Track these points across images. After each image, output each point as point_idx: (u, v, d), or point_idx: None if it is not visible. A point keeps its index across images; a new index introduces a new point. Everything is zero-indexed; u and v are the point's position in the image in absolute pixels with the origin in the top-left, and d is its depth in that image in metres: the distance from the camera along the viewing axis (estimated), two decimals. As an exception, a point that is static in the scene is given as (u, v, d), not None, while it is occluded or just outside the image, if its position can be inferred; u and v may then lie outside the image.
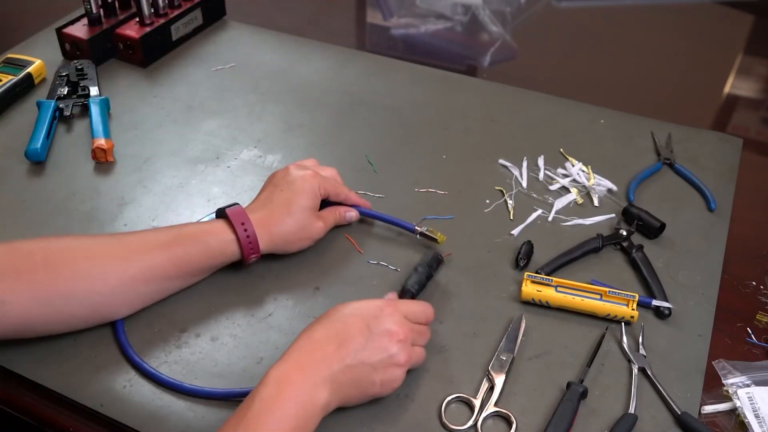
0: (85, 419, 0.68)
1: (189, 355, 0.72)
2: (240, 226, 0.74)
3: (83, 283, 0.68)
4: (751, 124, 1.15)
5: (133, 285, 0.71)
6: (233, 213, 0.75)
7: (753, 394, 0.68)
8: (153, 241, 0.72)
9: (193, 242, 0.73)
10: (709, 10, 1.46)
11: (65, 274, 0.67)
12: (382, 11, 1.42)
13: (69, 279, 0.67)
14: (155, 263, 0.71)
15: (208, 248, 0.74)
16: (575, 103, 1.07)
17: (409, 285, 0.76)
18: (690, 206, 0.90)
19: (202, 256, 0.74)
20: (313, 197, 0.79)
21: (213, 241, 0.74)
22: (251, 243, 0.74)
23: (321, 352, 0.62)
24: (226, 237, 0.74)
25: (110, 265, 0.69)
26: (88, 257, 0.69)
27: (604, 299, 0.75)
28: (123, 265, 0.70)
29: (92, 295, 0.69)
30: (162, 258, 0.71)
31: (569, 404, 0.66)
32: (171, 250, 0.72)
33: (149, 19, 1.13)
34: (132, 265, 0.70)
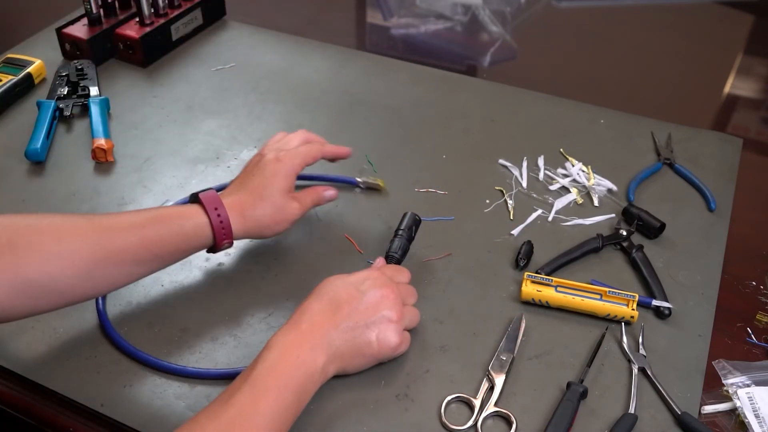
0: (85, 419, 0.68)
1: (189, 355, 0.72)
2: (213, 210, 0.72)
3: (50, 266, 0.64)
4: (751, 124, 1.15)
5: (104, 268, 0.67)
6: (206, 197, 0.73)
7: (753, 394, 0.68)
8: (125, 223, 0.69)
9: (166, 225, 0.71)
10: (709, 10, 1.46)
11: (31, 256, 0.63)
12: (382, 11, 1.42)
13: (35, 261, 0.63)
14: (127, 245, 0.68)
15: (182, 232, 0.71)
16: (575, 103, 1.07)
17: (393, 251, 0.79)
18: (690, 206, 0.90)
19: (174, 239, 0.71)
20: (285, 179, 0.77)
21: (187, 225, 0.71)
22: (224, 228, 0.72)
23: (318, 321, 0.65)
24: (200, 220, 0.72)
25: (79, 246, 0.65)
26: (57, 238, 0.65)
27: (604, 299, 0.75)
28: (93, 246, 0.66)
29: (60, 278, 0.65)
30: (134, 240, 0.68)
31: (569, 404, 0.66)
32: (143, 232, 0.69)
33: (149, 19, 1.13)
34: (102, 247, 0.66)
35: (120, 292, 0.78)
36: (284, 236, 0.85)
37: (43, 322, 0.75)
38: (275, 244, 0.84)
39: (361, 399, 0.68)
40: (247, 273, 0.81)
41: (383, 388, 0.69)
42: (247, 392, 0.58)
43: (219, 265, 0.82)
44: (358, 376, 0.70)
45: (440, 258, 0.83)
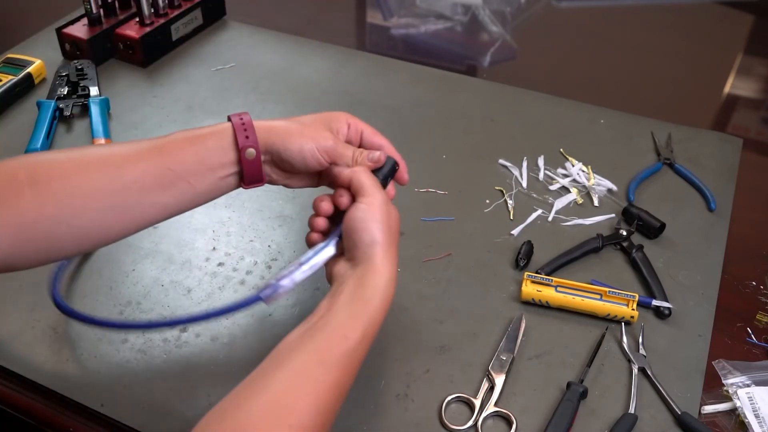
0: (85, 419, 0.68)
1: (189, 354, 0.72)
2: (236, 116, 0.67)
3: (75, 200, 0.61)
4: (751, 124, 1.15)
5: (128, 196, 0.63)
6: (235, 114, 0.67)
7: (753, 394, 0.68)
8: (146, 147, 0.64)
9: (188, 143, 0.65)
10: (709, 10, 1.46)
11: (55, 193, 0.60)
12: (382, 11, 1.42)
13: (60, 197, 0.60)
14: (149, 169, 0.63)
15: (205, 148, 0.65)
16: (575, 103, 1.07)
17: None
18: (690, 206, 0.90)
19: (197, 157, 0.65)
20: (331, 118, 0.70)
21: (210, 142, 0.65)
22: (246, 128, 0.65)
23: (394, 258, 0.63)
24: (222, 132, 0.66)
25: (102, 175, 0.62)
26: (80, 170, 0.62)
27: (604, 299, 0.75)
28: (115, 173, 0.62)
29: (84, 212, 0.61)
30: (154, 162, 0.63)
31: (569, 404, 0.66)
32: (165, 153, 0.64)
33: (149, 19, 1.13)
34: (125, 173, 0.62)
35: (120, 291, 0.78)
36: (284, 236, 0.85)
37: (43, 322, 0.75)
38: (275, 244, 0.84)
39: (361, 399, 0.68)
40: (247, 273, 0.81)
41: (383, 388, 0.69)
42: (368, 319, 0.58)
43: (219, 265, 0.82)
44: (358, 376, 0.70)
45: (440, 258, 0.83)
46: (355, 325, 0.58)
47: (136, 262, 0.82)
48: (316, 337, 0.57)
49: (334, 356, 0.56)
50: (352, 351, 0.57)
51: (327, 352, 0.56)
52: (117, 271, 0.81)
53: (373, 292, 0.60)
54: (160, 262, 0.82)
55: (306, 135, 0.67)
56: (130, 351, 0.72)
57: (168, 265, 0.82)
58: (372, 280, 0.60)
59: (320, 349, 0.56)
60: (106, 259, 0.82)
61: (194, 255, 0.83)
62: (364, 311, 0.59)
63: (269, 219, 0.88)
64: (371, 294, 0.60)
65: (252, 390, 0.53)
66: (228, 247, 0.84)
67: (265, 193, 0.91)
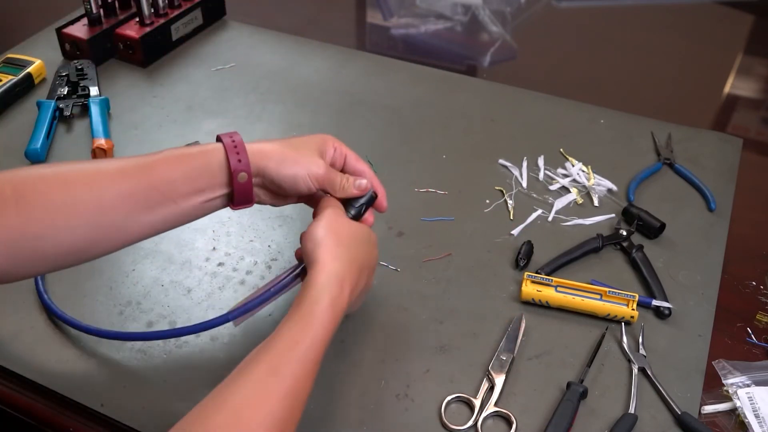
0: (85, 419, 0.68)
1: (189, 354, 0.72)
2: (227, 136, 0.66)
3: (59, 217, 0.60)
4: (751, 124, 1.15)
5: (114, 215, 0.62)
6: (226, 134, 0.67)
7: (753, 394, 0.68)
8: (133, 165, 0.63)
9: (176, 163, 0.64)
10: (709, 10, 1.46)
11: (39, 208, 0.59)
12: (382, 11, 1.42)
13: (43, 213, 0.59)
14: (136, 188, 0.62)
15: (193, 170, 0.64)
16: (575, 103, 1.07)
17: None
18: (690, 206, 0.90)
19: (185, 178, 0.64)
20: (324, 142, 0.70)
21: (199, 162, 0.65)
22: (238, 150, 0.64)
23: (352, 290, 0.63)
24: (213, 153, 0.65)
25: (87, 193, 0.61)
26: (64, 186, 0.61)
27: (604, 299, 0.75)
28: (100, 191, 0.61)
29: (69, 230, 0.60)
30: (143, 182, 0.63)
31: (569, 404, 0.66)
32: (152, 172, 0.63)
33: (149, 19, 1.13)
34: (111, 191, 0.62)
35: (120, 291, 0.78)
36: (284, 236, 0.85)
37: (43, 322, 0.75)
38: (275, 244, 0.84)
39: (361, 399, 0.68)
40: (247, 273, 0.81)
41: (383, 388, 0.69)
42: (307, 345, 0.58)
43: (219, 265, 0.82)
44: (358, 376, 0.70)
45: (440, 258, 0.83)
46: (304, 329, 0.58)
47: (136, 262, 0.82)
48: (268, 347, 0.57)
49: (285, 365, 0.56)
50: (303, 356, 0.57)
51: (278, 362, 0.56)
52: (117, 271, 0.81)
53: (318, 291, 0.60)
54: (160, 262, 0.82)
55: (300, 162, 0.67)
56: (130, 351, 0.72)
57: (168, 265, 0.82)
58: (317, 280, 0.61)
59: (272, 360, 0.56)
60: (106, 259, 0.82)
61: (194, 255, 0.83)
62: (311, 312, 0.59)
63: (269, 219, 0.88)
64: (317, 294, 0.60)
65: (212, 406, 0.54)
66: (228, 247, 0.84)
67: (265, 193, 0.91)
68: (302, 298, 0.60)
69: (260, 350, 0.57)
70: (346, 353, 0.72)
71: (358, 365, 0.71)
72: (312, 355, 0.57)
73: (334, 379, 0.70)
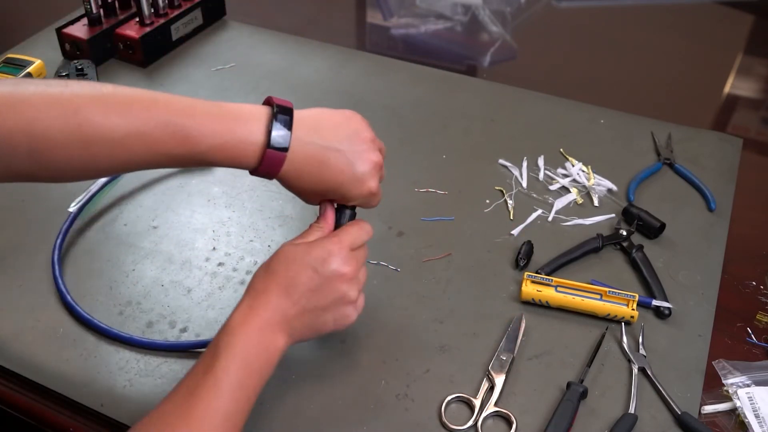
0: (85, 419, 0.68)
1: (189, 355, 0.72)
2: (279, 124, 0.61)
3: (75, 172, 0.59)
4: (751, 124, 1.15)
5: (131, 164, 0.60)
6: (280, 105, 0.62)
7: (753, 394, 0.68)
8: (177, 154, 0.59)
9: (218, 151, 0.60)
10: (709, 10, 1.46)
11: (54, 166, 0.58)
12: (382, 11, 1.42)
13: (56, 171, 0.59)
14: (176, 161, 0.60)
15: (226, 157, 0.61)
16: (575, 103, 1.07)
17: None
18: (690, 206, 0.90)
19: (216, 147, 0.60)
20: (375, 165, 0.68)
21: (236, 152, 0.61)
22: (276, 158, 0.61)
23: (276, 305, 0.61)
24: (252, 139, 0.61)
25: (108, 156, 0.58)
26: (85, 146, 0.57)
27: (604, 299, 0.75)
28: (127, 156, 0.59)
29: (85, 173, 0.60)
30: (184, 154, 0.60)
31: (569, 404, 0.66)
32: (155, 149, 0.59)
33: (149, 19, 1.13)
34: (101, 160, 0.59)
35: (120, 291, 0.78)
36: (284, 236, 0.85)
37: (42, 322, 0.75)
38: (275, 244, 0.84)
39: (361, 399, 0.68)
40: (247, 273, 0.81)
41: (383, 388, 0.69)
42: (211, 386, 0.56)
43: (219, 265, 0.82)
44: (358, 376, 0.70)
45: (440, 258, 0.83)
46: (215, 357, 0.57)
47: (136, 262, 0.82)
48: (188, 375, 0.58)
49: (201, 387, 0.56)
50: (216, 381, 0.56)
51: (194, 385, 0.56)
52: (117, 271, 0.81)
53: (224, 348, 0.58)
54: (160, 262, 0.82)
55: (316, 197, 0.67)
56: (130, 351, 0.72)
57: (168, 265, 0.82)
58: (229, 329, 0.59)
59: (189, 383, 0.57)
60: (106, 259, 0.82)
61: (194, 255, 0.83)
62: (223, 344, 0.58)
63: (269, 219, 0.88)
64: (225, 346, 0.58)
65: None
66: (228, 247, 0.84)
67: (265, 193, 0.91)
68: (221, 329, 0.60)
69: (181, 381, 0.58)
70: (346, 353, 0.72)
71: (358, 365, 0.71)
72: (233, 376, 0.57)
73: (334, 379, 0.70)
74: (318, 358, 0.72)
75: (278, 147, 0.61)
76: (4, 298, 0.77)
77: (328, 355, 0.72)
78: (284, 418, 0.67)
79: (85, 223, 0.86)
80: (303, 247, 0.63)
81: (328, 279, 0.62)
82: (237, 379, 0.57)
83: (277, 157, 0.62)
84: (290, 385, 0.69)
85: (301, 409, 0.67)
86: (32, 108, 0.56)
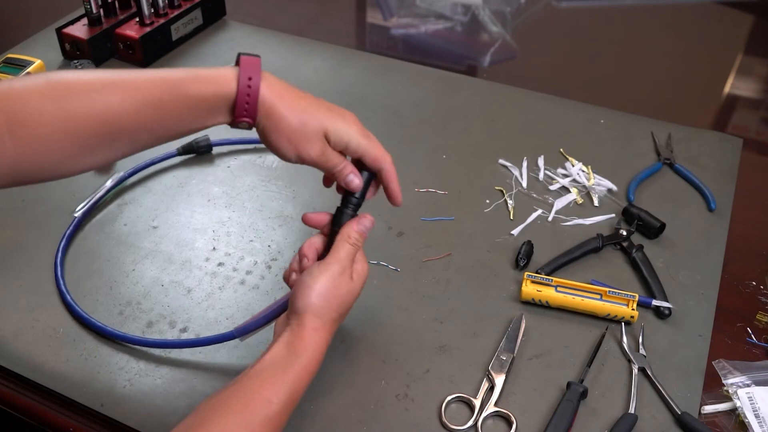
0: (85, 419, 0.68)
1: (189, 354, 0.72)
2: (245, 80, 0.62)
3: (58, 150, 0.58)
4: (751, 124, 1.15)
5: (115, 140, 0.60)
6: (247, 63, 0.63)
7: (753, 394, 0.68)
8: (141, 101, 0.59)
9: (185, 109, 0.61)
10: (709, 10, 1.46)
11: (36, 142, 0.57)
12: (382, 11, 1.42)
13: (39, 145, 0.57)
14: (144, 126, 0.60)
15: (200, 113, 0.62)
16: (575, 103, 1.07)
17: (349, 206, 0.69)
18: (690, 206, 0.90)
19: (192, 119, 0.62)
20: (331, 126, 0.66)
21: (207, 104, 0.61)
22: (248, 99, 0.62)
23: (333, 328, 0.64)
24: (224, 87, 0.62)
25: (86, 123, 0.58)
26: (65, 120, 0.57)
27: (604, 299, 0.75)
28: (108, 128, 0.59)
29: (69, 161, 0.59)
30: (152, 121, 0.60)
31: (569, 404, 0.66)
32: (160, 113, 0.60)
33: (149, 19, 1.13)
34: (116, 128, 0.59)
35: (120, 291, 0.78)
36: (284, 236, 0.85)
37: (42, 322, 0.75)
38: (275, 244, 0.84)
39: (361, 399, 0.68)
40: (247, 273, 0.81)
41: (383, 388, 0.69)
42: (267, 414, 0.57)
43: (219, 265, 0.82)
44: (358, 376, 0.70)
45: (440, 258, 0.83)
46: (277, 390, 0.58)
47: (136, 262, 0.82)
48: (240, 398, 0.57)
49: (257, 419, 0.57)
50: (275, 415, 0.57)
51: (250, 415, 0.57)
52: (117, 271, 0.81)
53: (297, 359, 0.60)
54: (160, 262, 0.82)
55: (297, 142, 0.64)
56: (130, 351, 0.72)
57: (168, 265, 0.82)
58: (298, 348, 0.60)
59: (244, 412, 0.57)
60: (106, 259, 0.82)
61: (194, 255, 0.83)
62: (286, 378, 0.59)
63: (269, 219, 0.88)
64: (295, 361, 0.60)
65: None
66: (228, 247, 0.84)
67: (265, 193, 0.91)
68: (281, 361, 0.60)
69: (230, 399, 0.57)
70: (346, 353, 0.72)
71: (358, 365, 0.71)
72: (282, 417, 0.58)
73: (334, 379, 0.70)
74: (318, 358, 0.72)
75: (251, 54, 0.62)
76: (4, 298, 0.77)
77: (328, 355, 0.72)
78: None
79: (85, 223, 0.86)
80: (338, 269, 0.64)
81: (358, 284, 0.66)
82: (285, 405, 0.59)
83: (253, 62, 0.62)
84: (290, 385, 0.69)
85: (301, 409, 0.67)
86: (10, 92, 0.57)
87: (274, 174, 0.94)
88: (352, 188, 0.67)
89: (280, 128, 0.63)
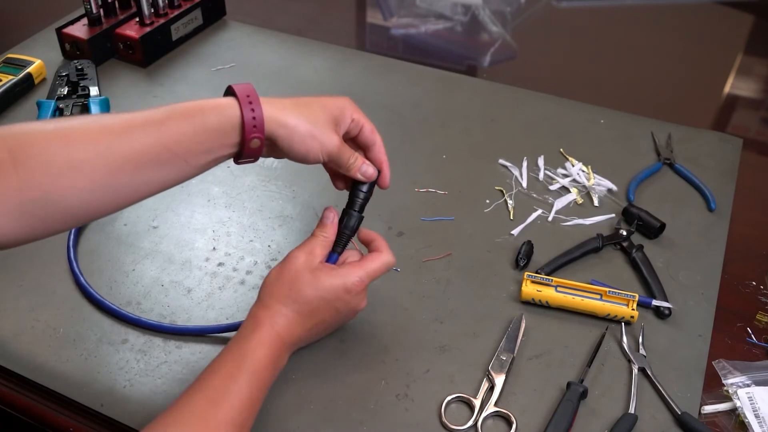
0: (85, 419, 0.68)
1: (189, 354, 0.72)
2: (245, 98, 0.62)
3: (63, 180, 0.56)
4: (751, 124, 1.15)
5: (121, 176, 0.59)
6: (241, 89, 0.63)
7: (753, 394, 0.68)
8: (140, 120, 0.60)
9: (188, 119, 0.61)
10: (709, 10, 1.46)
11: (40, 172, 0.55)
12: (382, 11, 1.42)
13: (45, 177, 0.55)
14: (144, 146, 0.59)
15: (206, 130, 0.61)
16: (575, 103, 1.07)
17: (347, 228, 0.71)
18: (690, 206, 0.90)
19: (197, 138, 0.61)
20: (339, 109, 0.68)
21: (212, 122, 0.61)
22: (255, 116, 0.61)
23: (296, 333, 0.66)
24: (227, 112, 0.62)
25: (91, 153, 0.57)
26: (65, 146, 0.56)
27: (604, 299, 0.75)
28: (106, 151, 0.57)
29: (71, 193, 0.57)
30: (151, 140, 0.59)
31: (569, 404, 0.66)
32: (162, 129, 0.60)
33: (149, 19, 1.13)
34: (117, 151, 0.58)
35: (120, 291, 0.78)
36: (284, 236, 0.85)
37: (42, 322, 0.75)
38: (275, 244, 0.84)
39: (361, 399, 0.68)
40: (247, 273, 0.81)
41: (383, 388, 0.69)
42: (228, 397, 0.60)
43: (219, 265, 0.82)
44: (358, 376, 0.70)
45: (440, 258, 0.83)
46: (239, 365, 0.61)
47: (136, 262, 0.82)
48: (206, 381, 0.60)
49: (223, 396, 0.59)
50: (239, 389, 0.60)
51: (215, 395, 0.59)
52: (117, 271, 0.81)
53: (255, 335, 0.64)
54: (160, 262, 0.82)
55: (315, 137, 0.65)
56: (130, 351, 0.72)
57: (168, 265, 0.82)
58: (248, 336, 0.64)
59: (210, 393, 0.59)
60: (106, 259, 0.82)
61: (194, 255, 0.83)
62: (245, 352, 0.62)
63: (269, 219, 0.88)
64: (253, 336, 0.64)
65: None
66: (228, 247, 0.84)
67: (265, 193, 0.91)
68: (239, 335, 0.64)
69: (198, 383, 0.60)
70: (346, 353, 0.72)
71: (358, 365, 0.72)
72: (248, 389, 0.61)
73: (334, 380, 0.70)
74: (318, 358, 0.72)
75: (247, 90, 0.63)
76: (3, 298, 0.77)
77: (328, 355, 0.72)
78: (284, 417, 0.67)
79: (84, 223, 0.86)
80: (325, 281, 0.66)
81: (346, 312, 0.69)
82: (249, 393, 0.61)
83: (245, 86, 0.63)
84: (290, 384, 0.69)
85: (302, 409, 0.67)
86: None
87: (274, 174, 0.94)
88: (367, 177, 0.70)
89: (300, 130, 0.64)
